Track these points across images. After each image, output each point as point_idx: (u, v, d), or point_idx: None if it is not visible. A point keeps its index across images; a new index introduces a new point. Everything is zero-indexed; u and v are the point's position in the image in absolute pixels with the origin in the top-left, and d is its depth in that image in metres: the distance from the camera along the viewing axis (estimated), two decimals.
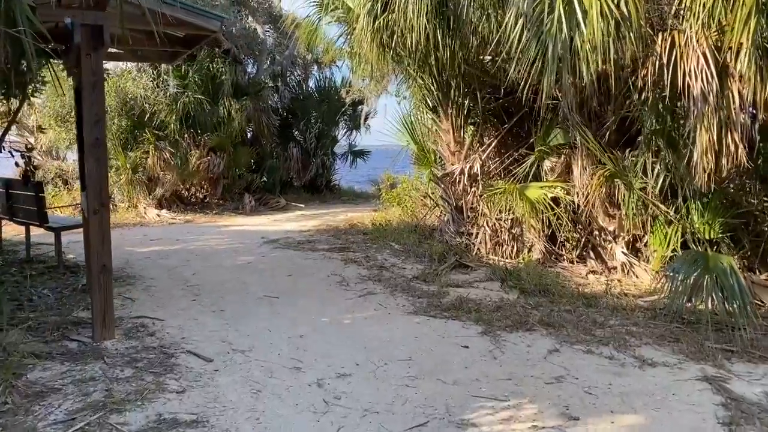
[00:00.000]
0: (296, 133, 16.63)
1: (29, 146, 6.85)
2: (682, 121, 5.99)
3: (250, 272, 7.14)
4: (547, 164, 7.69)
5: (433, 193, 10.03)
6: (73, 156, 14.01)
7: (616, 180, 6.66)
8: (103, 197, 4.62)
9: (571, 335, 5.11)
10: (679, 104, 5.90)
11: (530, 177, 7.71)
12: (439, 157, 9.56)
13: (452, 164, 8.27)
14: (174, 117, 12.39)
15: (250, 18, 15.27)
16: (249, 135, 15.21)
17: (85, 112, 4.53)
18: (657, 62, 5.56)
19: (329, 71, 18.12)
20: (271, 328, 5.10)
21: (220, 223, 11.81)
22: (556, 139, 7.43)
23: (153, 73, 12.28)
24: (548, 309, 5.82)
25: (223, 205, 13.80)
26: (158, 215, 12.23)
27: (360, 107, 17.06)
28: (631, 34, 5.31)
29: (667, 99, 5.94)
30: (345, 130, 17.64)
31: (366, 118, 17.58)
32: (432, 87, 8.38)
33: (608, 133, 6.97)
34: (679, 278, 5.30)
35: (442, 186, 8.45)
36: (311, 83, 17.54)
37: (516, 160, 8.18)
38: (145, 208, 12.39)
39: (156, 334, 4.86)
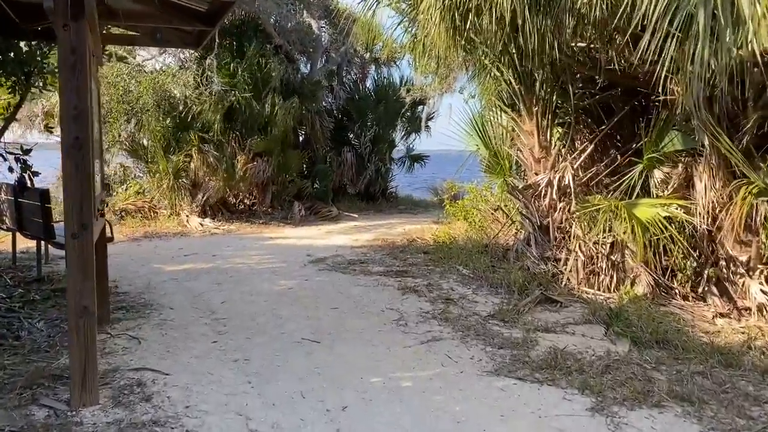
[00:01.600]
0: (351, 136, 15.47)
1: (26, 147, 5.83)
2: None
3: (289, 303, 5.90)
4: (657, 175, 6.15)
5: (506, 207, 8.58)
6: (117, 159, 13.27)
7: (761, 198, 5.08)
8: (85, 216, 3.45)
9: (719, 417, 3.63)
10: None
11: (636, 191, 6.18)
12: (517, 164, 8.13)
13: (536, 174, 6.82)
14: (218, 117, 11.39)
15: (305, 12, 14.21)
16: (300, 138, 14.15)
17: (62, 102, 3.38)
18: None
19: (387, 71, 16.94)
20: (306, 392, 3.81)
21: (265, 234, 10.70)
22: (672, 144, 5.89)
23: (197, 70, 11.32)
24: (674, 370, 4.33)
25: (271, 213, 12.73)
26: (201, 224, 11.25)
27: (420, 108, 15.75)
28: None
29: None
30: (403, 132, 16.34)
31: (427, 120, 16.25)
32: (512, 80, 6.96)
33: (745, 138, 5.37)
34: None
35: (522, 199, 7.02)
36: (368, 83, 16.36)
37: (615, 171, 6.66)
38: (187, 216, 11.44)
39: (153, 398, 3.65)
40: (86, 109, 3.43)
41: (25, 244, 7.36)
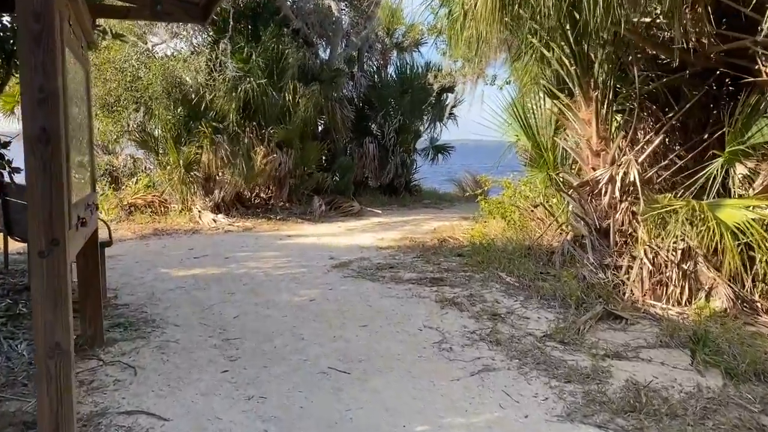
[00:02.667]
0: (373, 126, 14.65)
1: (4, 139, 5.09)
2: None
3: (311, 318, 5.12)
4: (740, 171, 5.26)
5: (551, 205, 7.72)
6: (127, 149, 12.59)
7: None
8: (56, 228, 2.67)
9: None
10: None
11: (713, 189, 5.30)
12: (565, 156, 7.28)
13: (593, 168, 5.96)
14: (233, 105, 10.63)
15: None
16: (320, 128, 13.36)
17: (24, 83, 2.61)
18: None
19: (410, 57, 16.09)
20: None
21: (283, 232, 9.95)
22: (762, 135, 5.00)
23: (210, 55, 10.54)
24: None
25: (289, 209, 11.98)
26: (214, 220, 10.53)
27: (446, 95, 14.87)
28: None
29: None
30: (427, 122, 15.47)
31: (452, 108, 15.38)
32: (566, 61, 6.09)
33: None
34: None
35: (576, 198, 6.16)
36: (391, 70, 15.50)
37: (683, 166, 5.78)
38: (199, 211, 10.73)
39: None
40: (56, 92, 2.64)
41: (23, 246, 6.68)
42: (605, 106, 5.90)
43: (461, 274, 6.54)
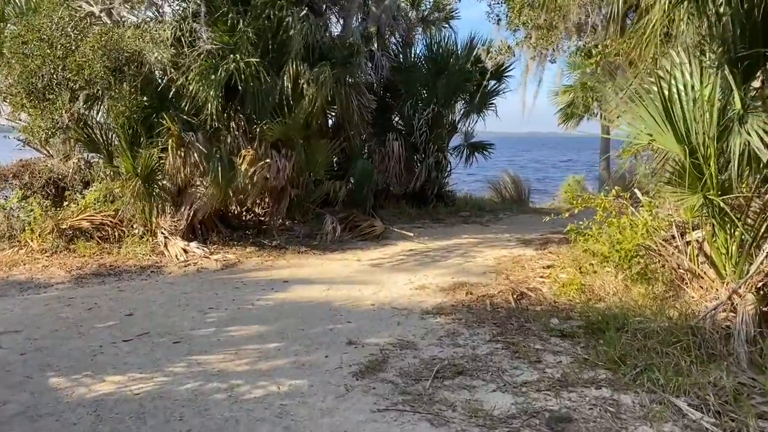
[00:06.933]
0: (397, 119, 11.65)
1: None
2: None
3: None
4: None
5: (701, 242, 4.71)
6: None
7: None
8: None
9: None
10: None
11: None
12: (749, 171, 4.30)
13: None
14: (212, 92, 7.67)
15: None
16: (330, 122, 10.39)
17: None
18: None
19: (440, 33, 12.97)
20: None
21: (278, 270, 7.01)
22: None
23: (179, 25, 7.56)
24: None
25: (290, 230, 9.06)
26: (185, 250, 7.60)
27: (491, 82, 11.79)
28: None
29: None
30: (461, 112, 12.37)
31: (490, 96, 12.29)
32: None
33: None
34: None
35: None
36: (418, 49, 12.45)
37: None
38: (166, 238, 7.79)
39: None
40: None
41: None
42: None
43: (593, 393, 3.53)
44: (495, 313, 5.07)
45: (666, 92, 4.65)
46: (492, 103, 12.46)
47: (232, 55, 7.86)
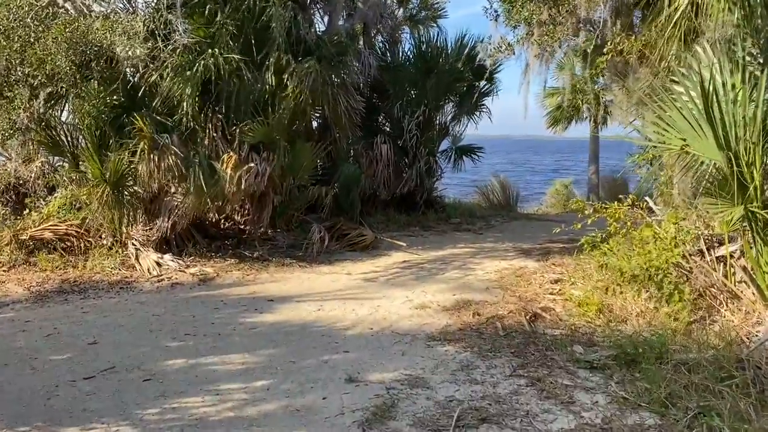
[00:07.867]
0: (385, 121, 11.09)
1: None
2: None
3: None
4: None
5: (747, 264, 4.23)
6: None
7: None
8: None
9: None
10: None
11: None
12: None
13: None
14: (188, 90, 7.03)
15: None
16: (315, 123, 9.79)
17: None
18: None
19: (428, 32, 12.43)
20: None
21: (261, 287, 6.38)
22: None
23: (152, 16, 6.89)
24: None
25: (272, 239, 8.43)
26: (158, 263, 6.94)
27: (479, 83, 11.27)
28: None
29: None
30: (450, 114, 11.82)
31: (482, 96, 11.77)
32: None
33: None
34: None
35: None
36: (405, 47, 11.89)
37: None
38: (137, 250, 7.11)
39: None
40: None
41: None
42: None
43: None
44: (509, 339, 4.52)
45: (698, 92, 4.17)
46: (483, 104, 11.94)
47: (210, 50, 7.24)
